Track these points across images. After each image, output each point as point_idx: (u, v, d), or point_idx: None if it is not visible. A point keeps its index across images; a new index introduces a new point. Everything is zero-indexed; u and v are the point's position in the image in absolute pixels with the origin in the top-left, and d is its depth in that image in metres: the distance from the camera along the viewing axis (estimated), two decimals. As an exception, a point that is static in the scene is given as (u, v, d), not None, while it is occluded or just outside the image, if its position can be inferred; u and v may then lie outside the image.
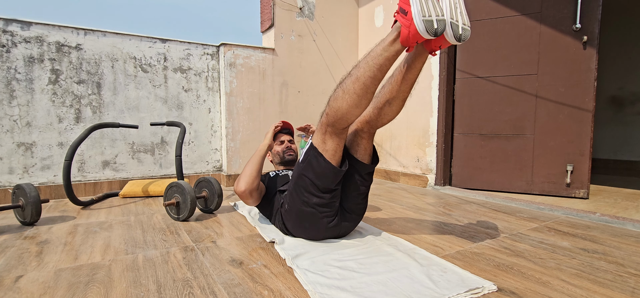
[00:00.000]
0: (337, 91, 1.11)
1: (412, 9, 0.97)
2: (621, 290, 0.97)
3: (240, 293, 0.94)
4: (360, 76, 1.06)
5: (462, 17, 1.00)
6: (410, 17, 0.97)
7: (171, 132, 2.68)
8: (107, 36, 2.40)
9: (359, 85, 1.06)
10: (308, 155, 1.21)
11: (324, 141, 1.17)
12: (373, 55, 1.04)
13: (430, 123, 2.68)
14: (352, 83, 1.07)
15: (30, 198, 1.58)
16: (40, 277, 1.05)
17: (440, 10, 0.97)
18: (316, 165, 1.18)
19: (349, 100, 1.07)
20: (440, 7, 0.97)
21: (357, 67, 1.07)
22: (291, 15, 3.03)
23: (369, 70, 1.04)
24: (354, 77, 1.07)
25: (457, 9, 1.00)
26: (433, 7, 0.96)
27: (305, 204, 1.24)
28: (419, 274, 1.03)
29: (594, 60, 2.14)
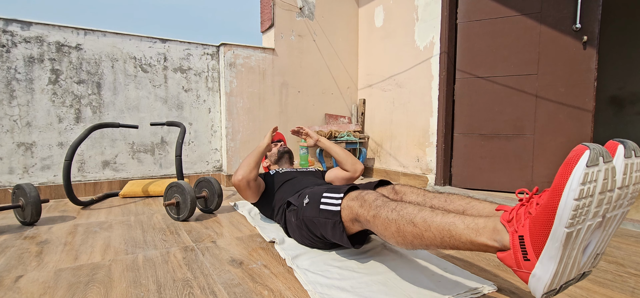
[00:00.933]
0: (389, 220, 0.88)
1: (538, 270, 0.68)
2: (621, 290, 0.97)
3: (240, 293, 0.94)
4: (426, 238, 0.82)
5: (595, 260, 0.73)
6: (529, 268, 0.69)
7: (171, 132, 2.68)
8: (107, 36, 2.40)
9: (419, 242, 0.84)
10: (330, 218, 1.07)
11: (352, 223, 1.03)
12: (454, 235, 0.78)
13: (430, 123, 2.68)
14: (412, 235, 0.84)
15: (30, 198, 1.58)
16: (40, 277, 1.05)
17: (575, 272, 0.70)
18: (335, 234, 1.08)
19: (399, 241, 0.88)
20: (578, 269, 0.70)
21: (427, 224, 0.82)
22: (291, 15, 3.03)
23: (439, 242, 0.81)
24: (418, 232, 0.83)
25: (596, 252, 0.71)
26: (568, 274, 0.69)
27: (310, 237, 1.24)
28: (419, 274, 1.03)
29: (594, 60, 2.14)
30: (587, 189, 0.62)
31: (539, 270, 0.68)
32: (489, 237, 0.75)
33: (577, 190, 0.61)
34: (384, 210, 0.91)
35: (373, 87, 3.28)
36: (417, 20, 2.76)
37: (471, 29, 2.51)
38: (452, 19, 2.57)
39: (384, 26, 3.11)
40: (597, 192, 0.63)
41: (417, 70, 2.78)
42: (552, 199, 0.65)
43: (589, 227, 0.65)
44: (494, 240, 0.74)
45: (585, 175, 0.61)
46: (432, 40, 2.63)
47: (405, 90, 2.91)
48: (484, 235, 0.75)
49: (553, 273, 0.66)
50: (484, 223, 0.76)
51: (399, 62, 2.96)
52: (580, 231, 0.65)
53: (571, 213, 0.62)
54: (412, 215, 0.85)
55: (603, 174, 0.62)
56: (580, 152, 0.62)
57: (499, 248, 0.74)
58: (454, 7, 2.56)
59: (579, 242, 0.66)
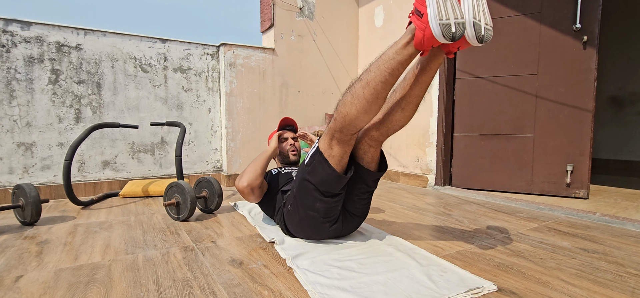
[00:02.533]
0: (345, 96, 1.05)
1: (428, 11, 0.89)
2: (621, 290, 0.97)
3: (240, 293, 0.94)
4: (370, 80, 0.99)
5: (484, 16, 0.91)
6: (425, 19, 0.89)
7: (171, 132, 2.68)
8: (107, 36, 2.40)
9: (369, 90, 0.99)
10: (313, 160, 1.18)
11: (330, 146, 1.13)
12: (384, 59, 0.98)
13: (430, 123, 2.68)
14: (361, 88, 1.01)
15: (30, 198, 1.58)
16: (40, 277, 1.05)
17: (460, 13, 0.89)
18: (321, 171, 1.15)
19: (358, 106, 1.02)
20: (460, 9, 0.89)
21: (368, 71, 1.01)
22: (291, 15, 3.03)
23: (380, 74, 0.98)
24: (364, 82, 1.00)
25: (479, 8, 0.91)
26: (452, 9, 0.88)
27: (308, 208, 1.23)
28: (419, 274, 1.03)
29: (594, 60, 2.14)
30: None
31: (428, 11, 0.89)
32: (404, 37, 0.96)
33: None
34: (341, 98, 1.08)
35: (373, 87, 3.28)
36: (417, 20, 2.76)
37: (471, 29, 2.50)
38: (452, 19, 2.56)
39: (384, 26, 3.11)
40: None
41: (417, 70, 2.77)
42: None
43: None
44: (407, 35, 0.96)
45: None
46: (432, 40, 2.63)
47: (405, 90, 2.90)
48: (401, 40, 0.97)
49: (435, 3, 0.88)
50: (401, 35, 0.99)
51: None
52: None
53: None
54: (358, 77, 1.04)
55: None
56: None
57: (412, 37, 0.94)
58: (454, 7, 2.56)
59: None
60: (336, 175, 1.14)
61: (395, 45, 0.97)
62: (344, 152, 1.13)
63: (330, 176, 1.14)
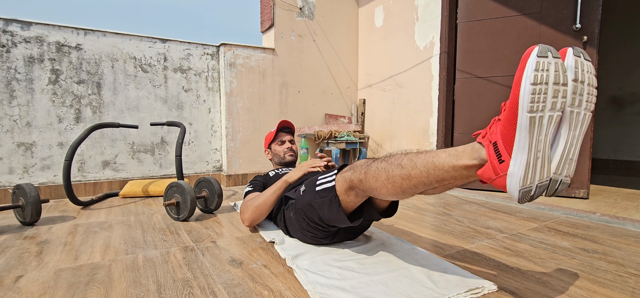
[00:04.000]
0: (379, 169, 0.92)
1: (511, 167, 0.73)
2: (621, 290, 0.97)
3: (240, 293, 0.94)
4: (413, 176, 0.86)
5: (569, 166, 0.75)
6: (504, 169, 0.74)
7: (171, 132, 2.68)
8: (107, 36, 2.40)
9: (408, 184, 0.88)
10: (327, 195, 1.10)
11: (347, 194, 1.05)
12: (437, 165, 0.82)
13: (430, 123, 2.68)
14: (400, 177, 0.88)
15: (30, 198, 1.58)
16: (40, 277, 1.05)
17: (547, 172, 0.73)
18: (331, 210, 1.10)
19: (390, 190, 0.91)
20: (549, 168, 0.73)
21: (413, 163, 0.86)
22: (291, 15, 3.03)
23: (426, 177, 0.85)
24: (405, 172, 0.87)
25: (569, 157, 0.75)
26: (540, 172, 0.72)
27: (309, 228, 1.23)
28: (419, 274, 1.03)
29: (594, 60, 2.14)
30: (541, 76, 0.70)
31: (513, 166, 0.73)
32: (469, 157, 0.79)
33: (531, 76, 0.70)
34: (374, 164, 0.95)
35: (373, 87, 3.28)
36: (417, 20, 2.76)
37: (471, 29, 2.51)
38: (452, 19, 2.57)
39: (384, 26, 3.11)
40: (551, 81, 0.70)
41: (417, 70, 2.78)
42: (514, 93, 0.74)
43: (550, 118, 0.72)
44: (473, 159, 0.79)
45: (537, 63, 0.70)
46: (432, 40, 2.63)
47: (405, 90, 2.91)
48: (464, 157, 0.80)
49: (525, 164, 0.72)
50: (463, 148, 0.82)
51: (399, 62, 2.96)
52: (543, 119, 0.72)
53: (530, 97, 0.70)
54: (400, 159, 0.90)
55: (554, 66, 0.70)
56: (531, 48, 0.72)
57: (478, 166, 0.79)
58: (454, 7, 2.56)
59: (544, 131, 0.72)
60: (345, 221, 1.10)
61: (456, 157, 0.81)
62: (359, 201, 1.08)
63: (338, 218, 1.10)
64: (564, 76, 0.71)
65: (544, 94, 0.70)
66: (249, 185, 1.62)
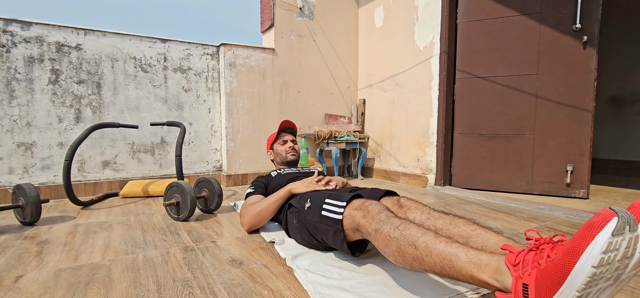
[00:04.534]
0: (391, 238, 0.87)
1: None
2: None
3: (240, 293, 0.94)
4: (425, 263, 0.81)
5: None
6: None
7: (171, 132, 2.68)
8: (107, 36, 2.40)
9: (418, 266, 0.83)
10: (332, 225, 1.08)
11: (353, 232, 1.03)
12: (455, 266, 0.76)
13: (430, 123, 2.68)
14: (412, 258, 0.83)
15: (30, 198, 1.58)
16: (40, 277, 1.05)
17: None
18: (335, 241, 1.09)
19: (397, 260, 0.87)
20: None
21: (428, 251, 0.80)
22: (291, 15, 3.03)
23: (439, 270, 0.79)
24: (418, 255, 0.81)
25: None
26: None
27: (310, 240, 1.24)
28: (419, 274, 1.03)
29: (594, 60, 2.14)
30: (607, 258, 0.58)
31: None
32: (491, 276, 0.72)
33: (597, 258, 0.57)
34: (387, 226, 0.89)
35: (373, 87, 3.28)
36: (417, 20, 2.76)
37: (471, 29, 2.51)
38: (452, 19, 2.57)
39: (384, 26, 3.11)
40: (616, 259, 0.59)
41: (417, 70, 2.78)
42: (568, 259, 0.62)
43: (600, 290, 0.63)
44: (496, 280, 0.72)
45: (609, 244, 0.57)
46: (432, 40, 2.63)
47: (405, 90, 2.91)
48: (486, 272, 0.73)
49: None
50: (487, 260, 0.74)
51: (399, 62, 2.96)
52: (590, 294, 0.62)
53: (586, 280, 0.59)
54: (415, 238, 0.83)
55: (626, 243, 0.58)
56: (607, 218, 0.58)
57: (499, 289, 0.72)
58: (454, 7, 2.56)
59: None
60: (347, 252, 1.09)
61: (477, 269, 0.74)
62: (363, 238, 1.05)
63: (341, 249, 1.10)
64: (633, 249, 0.60)
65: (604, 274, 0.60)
66: (251, 187, 1.62)
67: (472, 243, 0.93)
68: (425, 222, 1.06)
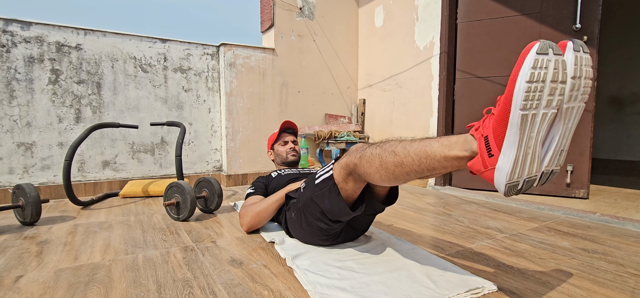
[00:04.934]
0: (373, 155, 0.94)
1: (500, 161, 0.74)
2: (621, 290, 0.97)
3: (240, 293, 0.94)
4: (405, 164, 0.88)
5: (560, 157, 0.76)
6: (493, 163, 0.75)
7: (171, 132, 2.68)
8: (107, 36, 2.40)
9: (401, 171, 0.89)
10: (325, 185, 1.11)
11: (345, 180, 1.06)
12: (429, 154, 0.84)
13: (430, 123, 2.68)
14: (393, 164, 0.90)
15: (30, 198, 1.58)
16: (40, 277, 1.05)
17: (537, 168, 0.74)
18: (331, 200, 1.10)
19: (383, 175, 0.93)
20: (539, 164, 0.74)
21: (406, 150, 0.88)
22: (291, 15, 3.03)
23: (417, 165, 0.86)
24: (398, 159, 0.89)
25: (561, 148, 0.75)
26: (529, 168, 0.73)
27: (311, 225, 1.22)
28: (419, 274, 1.03)
29: (594, 60, 2.14)
30: (537, 74, 0.68)
31: (501, 160, 0.73)
32: (460, 149, 0.81)
33: (528, 73, 0.68)
34: (369, 149, 0.97)
35: (373, 87, 3.28)
36: (417, 20, 2.76)
37: (471, 29, 2.51)
38: (452, 19, 2.57)
39: (384, 26, 3.11)
40: (548, 79, 0.68)
41: (417, 70, 2.78)
42: (509, 89, 0.73)
43: (544, 116, 0.71)
44: (464, 150, 0.80)
45: (536, 60, 0.67)
46: (432, 40, 2.63)
47: (405, 90, 2.91)
48: (456, 148, 0.81)
49: (513, 160, 0.71)
50: (456, 139, 0.83)
51: (399, 62, 2.96)
52: (536, 117, 0.71)
53: (524, 95, 0.68)
54: (394, 146, 0.91)
55: (553, 64, 0.68)
56: (531, 44, 0.69)
57: (469, 157, 0.80)
58: (454, 7, 2.56)
59: (536, 129, 0.71)
60: (346, 210, 1.10)
61: (447, 148, 0.82)
62: (358, 188, 1.08)
63: (340, 208, 1.10)
64: (563, 74, 0.69)
65: (539, 91, 0.69)
66: (251, 187, 1.62)
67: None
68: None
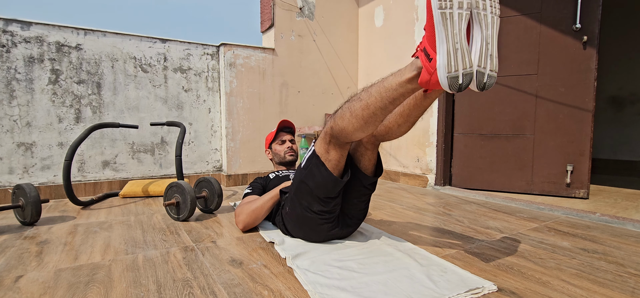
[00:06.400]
0: (344, 109, 1.04)
1: (437, 59, 0.84)
2: (621, 290, 0.97)
3: (240, 293, 0.94)
4: (370, 104, 0.97)
5: (491, 60, 0.85)
6: (433, 65, 0.85)
7: (171, 132, 2.68)
8: (107, 36, 2.40)
9: (368, 113, 0.98)
10: (310, 163, 1.17)
11: (327, 151, 1.13)
12: (387, 86, 0.94)
13: (430, 123, 2.68)
14: (361, 108, 0.99)
15: (30, 198, 1.58)
16: (40, 277, 1.05)
17: (469, 61, 0.83)
18: (317, 174, 1.15)
19: (355, 124, 1.01)
20: (470, 58, 0.83)
21: (368, 92, 0.98)
22: (291, 15, 3.03)
23: (380, 101, 0.96)
24: (363, 103, 0.98)
25: (487, 53, 0.85)
26: (462, 60, 0.82)
27: (306, 210, 1.23)
28: (419, 274, 1.03)
29: (594, 60, 2.14)
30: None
31: (438, 58, 0.84)
32: (409, 70, 0.91)
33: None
34: (339, 110, 1.07)
35: (373, 87, 3.28)
36: (417, 20, 2.76)
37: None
38: (452, 19, 2.56)
39: (384, 26, 3.11)
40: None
41: (417, 70, 2.78)
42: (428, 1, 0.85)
43: (460, 15, 0.83)
44: (413, 71, 0.90)
45: None
46: (432, 40, 2.63)
47: (405, 90, 2.90)
48: (406, 72, 0.92)
49: (446, 52, 0.83)
50: (405, 67, 0.94)
51: (398, 62, 2.96)
52: (453, 15, 0.82)
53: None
54: (358, 94, 1.02)
55: None
56: None
57: (416, 74, 0.90)
58: (454, 7, 2.56)
59: (456, 26, 0.82)
60: (333, 179, 1.14)
61: (400, 75, 0.93)
62: (341, 155, 1.13)
63: (327, 180, 1.14)
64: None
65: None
66: (249, 187, 1.62)
67: None
68: None
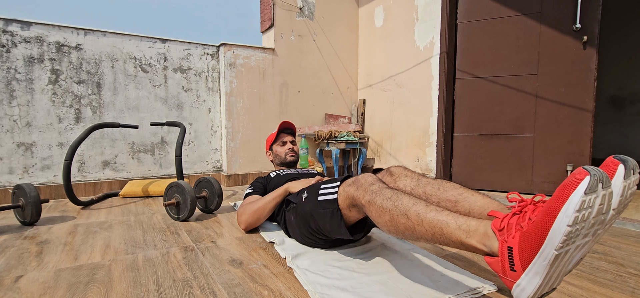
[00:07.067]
0: (384, 208, 0.88)
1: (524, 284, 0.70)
2: (621, 290, 0.97)
3: (240, 293, 0.94)
4: (417, 232, 0.83)
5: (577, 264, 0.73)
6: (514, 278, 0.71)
7: (171, 132, 2.68)
8: (107, 36, 2.40)
9: (410, 235, 0.86)
10: (328, 207, 1.08)
11: (349, 209, 1.03)
12: (445, 233, 0.79)
13: (430, 123, 2.68)
14: (404, 227, 0.85)
15: (30, 198, 1.58)
16: (40, 277, 1.05)
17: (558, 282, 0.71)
18: (332, 224, 1.08)
19: (390, 230, 0.89)
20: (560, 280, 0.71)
21: (420, 220, 0.82)
22: (291, 15, 3.03)
23: (430, 237, 0.82)
24: (410, 225, 0.84)
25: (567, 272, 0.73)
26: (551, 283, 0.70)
27: (309, 234, 1.23)
28: (419, 274, 1.03)
29: (594, 60, 2.14)
30: (582, 216, 0.61)
31: (524, 281, 0.70)
32: (479, 241, 0.76)
33: (572, 217, 0.61)
34: (380, 197, 0.91)
35: (373, 87, 3.28)
36: (417, 20, 2.76)
37: (471, 29, 2.51)
38: (452, 19, 2.57)
39: (384, 26, 3.11)
40: (591, 217, 0.62)
41: (417, 70, 2.78)
42: (546, 220, 0.65)
43: (578, 247, 0.67)
44: (484, 245, 0.75)
45: (582, 202, 0.60)
46: (432, 40, 2.63)
47: (405, 90, 2.91)
48: (474, 238, 0.76)
49: (537, 286, 0.68)
50: (475, 226, 0.77)
51: (398, 62, 2.96)
52: (569, 251, 0.67)
53: (563, 238, 0.62)
54: (407, 208, 0.85)
55: (600, 200, 0.61)
56: (580, 177, 0.61)
57: (487, 253, 0.76)
58: (454, 7, 2.56)
59: (566, 258, 0.68)
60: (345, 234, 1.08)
61: (466, 234, 0.76)
62: (361, 216, 1.06)
63: (339, 231, 1.09)
64: (608, 205, 0.63)
65: (580, 231, 0.63)
66: (250, 187, 1.62)
67: (460, 207, 0.99)
68: (415, 189, 1.10)
